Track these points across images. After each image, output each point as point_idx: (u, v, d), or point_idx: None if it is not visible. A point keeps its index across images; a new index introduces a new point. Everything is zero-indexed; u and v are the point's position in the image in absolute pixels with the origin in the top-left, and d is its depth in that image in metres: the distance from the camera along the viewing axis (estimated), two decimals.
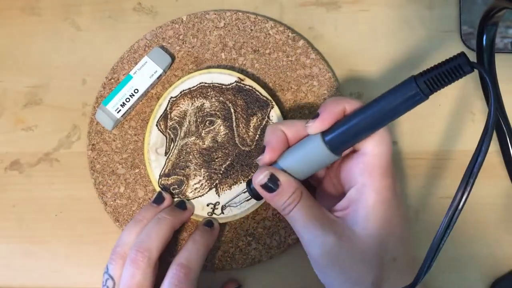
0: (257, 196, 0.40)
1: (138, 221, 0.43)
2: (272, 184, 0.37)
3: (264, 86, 0.47)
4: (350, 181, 0.38)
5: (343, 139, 0.36)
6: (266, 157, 0.39)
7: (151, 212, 0.43)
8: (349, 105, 0.37)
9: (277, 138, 0.39)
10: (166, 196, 0.45)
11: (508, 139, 0.43)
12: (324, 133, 0.37)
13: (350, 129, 0.36)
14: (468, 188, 0.33)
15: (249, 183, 0.41)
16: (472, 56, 0.45)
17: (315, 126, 0.37)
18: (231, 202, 0.45)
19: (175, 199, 0.46)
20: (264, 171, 0.38)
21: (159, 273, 0.41)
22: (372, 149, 0.36)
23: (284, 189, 0.37)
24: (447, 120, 0.47)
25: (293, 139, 0.39)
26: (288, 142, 0.39)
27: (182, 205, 0.45)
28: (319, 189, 0.43)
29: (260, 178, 0.38)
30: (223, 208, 0.45)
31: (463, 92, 0.48)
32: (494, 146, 0.46)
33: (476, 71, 0.33)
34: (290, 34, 0.48)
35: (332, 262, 0.36)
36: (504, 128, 0.43)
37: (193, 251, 0.41)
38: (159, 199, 0.45)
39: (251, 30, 0.49)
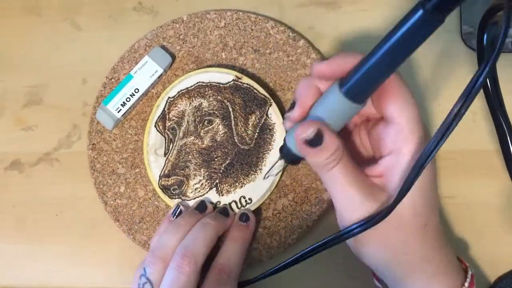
0: (293, 160, 0.38)
1: (180, 226, 0.42)
2: (317, 140, 0.34)
3: (265, 85, 0.47)
4: (382, 148, 0.36)
5: (360, 85, 0.33)
6: (296, 111, 0.36)
7: (194, 218, 0.43)
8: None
9: (310, 91, 0.36)
10: (209, 205, 0.45)
11: (508, 138, 0.43)
12: (341, 84, 0.34)
13: (365, 73, 0.33)
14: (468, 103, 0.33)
15: (282, 149, 0.39)
16: (473, 56, 0.45)
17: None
18: (269, 172, 0.45)
19: (218, 206, 0.46)
20: (310, 126, 0.34)
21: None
22: (399, 114, 0.34)
23: (328, 145, 0.34)
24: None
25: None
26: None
27: (225, 212, 0.45)
28: (347, 145, 0.39)
29: (308, 133, 0.34)
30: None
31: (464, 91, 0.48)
32: (494, 146, 0.46)
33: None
34: (290, 34, 0.48)
35: (371, 234, 0.35)
36: (505, 128, 0.43)
37: (232, 251, 0.41)
38: (202, 207, 0.45)
39: (252, 30, 0.49)
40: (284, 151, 0.39)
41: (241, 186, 0.45)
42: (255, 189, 0.45)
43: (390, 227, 0.35)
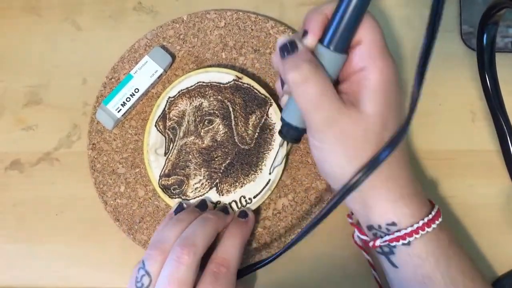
0: (294, 138, 0.41)
1: (180, 220, 0.42)
2: (290, 47, 0.37)
3: (265, 85, 0.47)
4: (350, 69, 0.38)
5: (339, 35, 0.36)
6: (309, 40, 0.38)
7: (194, 215, 0.43)
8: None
9: (317, 21, 0.38)
10: (209, 204, 0.45)
11: (508, 138, 0.43)
12: (321, 40, 0.37)
13: (340, 24, 0.36)
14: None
15: (281, 131, 0.41)
16: (473, 56, 0.45)
17: (311, 40, 0.37)
18: (274, 163, 0.45)
19: (219, 205, 0.46)
20: (284, 36, 0.38)
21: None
22: (366, 36, 0.37)
23: (302, 51, 0.37)
24: (447, 120, 0.47)
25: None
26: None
27: (225, 210, 0.45)
28: None
29: (282, 39, 0.37)
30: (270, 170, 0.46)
31: (464, 91, 0.48)
32: (494, 146, 0.46)
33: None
34: (290, 33, 0.48)
35: (336, 138, 0.36)
36: (505, 128, 0.43)
37: (230, 245, 0.41)
38: (203, 206, 0.45)
39: (252, 29, 0.49)
40: (284, 130, 0.41)
41: (241, 186, 0.45)
42: (255, 189, 0.45)
43: (359, 140, 0.36)
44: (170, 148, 0.47)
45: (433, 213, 0.38)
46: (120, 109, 0.47)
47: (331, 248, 0.46)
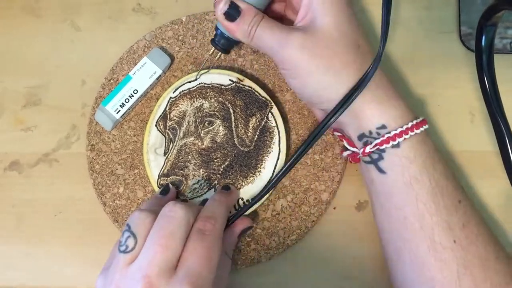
0: (225, 46, 0.43)
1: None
2: (233, 12, 0.40)
3: (264, 87, 0.47)
4: None
5: None
6: None
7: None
8: None
9: None
10: (172, 188, 0.46)
11: (507, 139, 0.43)
12: None
13: None
14: None
15: (213, 39, 0.44)
16: (472, 57, 0.45)
17: None
18: (201, 72, 0.47)
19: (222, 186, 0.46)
20: (222, 1, 0.40)
21: None
22: None
23: (246, 13, 0.40)
24: (446, 121, 0.47)
25: None
26: None
27: (226, 188, 0.45)
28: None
29: (220, 6, 0.40)
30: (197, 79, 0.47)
31: (462, 92, 0.48)
32: (492, 147, 0.46)
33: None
34: None
35: (302, 55, 0.38)
36: (503, 129, 0.43)
37: (215, 206, 0.41)
38: (165, 191, 0.45)
39: None
40: (217, 39, 0.43)
41: (240, 188, 0.45)
42: (253, 191, 0.45)
43: (325, 51, 0.38)
44: (170, 148, 0.47)
45: (420, 118, 0.40)
46: (119, 110, 0.47)
47: (330, 248, 0.46)
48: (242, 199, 0.45)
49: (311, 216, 0.46)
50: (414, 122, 0.39)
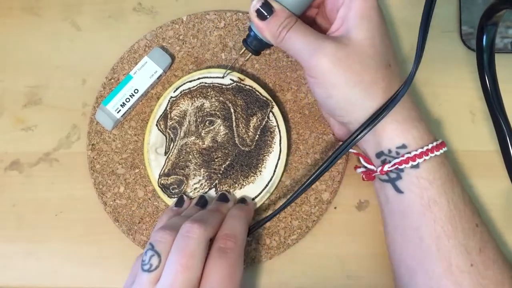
0: (256, 48, 0.43)
1: (185, 214, 0.43)
2: (266, 10, 0.40)
3: (264, 86, 0.47)
4: (336, 6, 0.40)
5: None
6: None
7: (196, 210, 0.43)
8: None
9: None
10: (209, 200, 0.45)
11: (508, 139, 0.43)
12: None
13: None
14: None
15: (245, 40, 0.43)
16: (472, 56, 0.45)
17: None
18: (228, 69, 0.47)
19: (217, 193, 0.46)
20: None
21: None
22: None
23: (278, 14, 0.40)
24: (447, 120, 0.47)
25: None
26: None
27: (225, 198, 0.44)
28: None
29: (253, 3, 0.40)
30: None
31: (463, 92, 0.48)
32: (493, 146, 0.46)
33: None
34: None
35: (333, 65, 0.38)
36: (504, 128, 0.43)
37: (235, 222, 0.40)
38: (203, 202, 0.44)
39: None
40: (249, 40, 0.43)
41: (240, 188, 0.45)
42: (254, 191, 0.45)
43: (356, 65, 0.38)
44: (171, 147, 0.47)
45: (439, 140, 0.40)
46: (120, 110, 0.47)
47: (331, 248, 0.46)
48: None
49: (312, 216, 0.46)
50: (435, 144, 0.39)
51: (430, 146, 0.39)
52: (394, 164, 0.39)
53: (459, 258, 0.37)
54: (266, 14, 0.40)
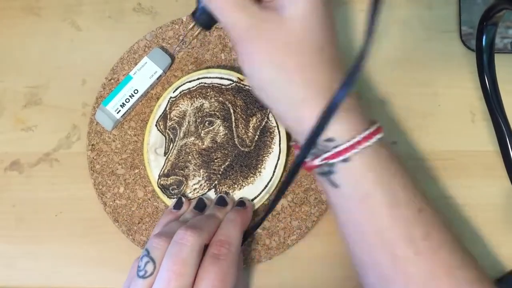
0: (205, 23, 0.40)
1: (183, 218, 0.43)
2: None
3: None
4: None
5: None
6: None
7: (194, 214, 0.43)
8: None
9: None
10: (207, 202, 0.45)
11: (507, 139, 0.43)
12: None
13: None
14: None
15: (194, 13, 0.40)
16: (472, 57, 0.45)
17: None
18: (179, 45, 0.46)
19: (215, 196, 0.46)
20: None
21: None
22: None
23: None
24: (447, 120, 0.47)
25: None
26: None
27: (223, 202, 0.44)
28: None
29: None
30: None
31: (463, 92, 0.48)
32: (493, 147, 0.46)
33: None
34: None
35: (257, 37, 0.35)
36: (504, 128, 0.43)
37: (229, 228, 0.40)
38: (201, 205, 0.44)
39: None
40: (197, 14, 0.39)
41: (240, 188, 0.45)
42: (253, 191, 0.45)
43: (282, 47, 0.35)
44: (170, 148, 0.47)
45: (372, 128, 0.36)
46: (120, 110, 0.47)
47: (331, 248, 0.46)
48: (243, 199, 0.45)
49: (312, 216, 0.46)
50: (365, 133, 0.35)
51: (360, 137, 0.35)
52: (324, 159, 0.36)
53: (403, 247, 0.36)
54: None
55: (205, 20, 0.39)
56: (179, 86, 0.47)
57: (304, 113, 0.36)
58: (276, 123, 0.46)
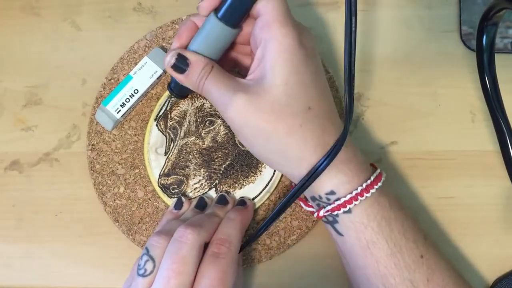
0: (180, 93, 0.44)
1: (184, 217, 0.43)
2: (182, 64, 0.38)
3: None
4: (255, 45, 0.38)
5: (233, 9, 0.37)
6: (174, 45, 0.40)
7: (195, 213, 0.44)
8: None
9: (185, 27, 0.40)
10: (208, 201, 0.45)
11: (508, 139, 0.43)
12: (216, 11, 0.38)
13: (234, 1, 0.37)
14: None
15: (169, 85, 0.44)
16: (472, 56, 0.45)
17: (204, 7, 0.38)
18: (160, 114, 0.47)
19: (216, 196, 0.46)
20: (170, 52, 0.39)
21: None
22: (265, 5, 0.37)
23: (194, 66, 0.38)
24: (447, 120, 0.47)
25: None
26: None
27: (224, 201, 0.44)
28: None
29: (167, 59, 0.39)
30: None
31: (463, 92, 0.48)
32: (493, 147, 0.46)
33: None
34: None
35: (245, 119, 0.37)
36: (504, 129, 0.43)
37: (230, 227, 0.40)
38: (202, 204, 0.45)
39: None
40: (172, 86, 0.44)
41: (240, 188, 0.45)
42: (254, 191, 0.45)
43: (268, 113, 0.36)
44: (171, 147, 0.47)
45: (372, 178, 0.38)
46: (120, 110, 0.47)
47: (330, 248, 0.46)
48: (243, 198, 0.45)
49: (312, 216, 0.46)
50: (364, 185, 0.37)
51: (359, 189, 0.37)
52: (328, 210, 0.38)
53: None
54: (183, 67, 0.38)
55: (180, 92, 0.44)
56: None
57: (305, 169, 0.38)
58: None
